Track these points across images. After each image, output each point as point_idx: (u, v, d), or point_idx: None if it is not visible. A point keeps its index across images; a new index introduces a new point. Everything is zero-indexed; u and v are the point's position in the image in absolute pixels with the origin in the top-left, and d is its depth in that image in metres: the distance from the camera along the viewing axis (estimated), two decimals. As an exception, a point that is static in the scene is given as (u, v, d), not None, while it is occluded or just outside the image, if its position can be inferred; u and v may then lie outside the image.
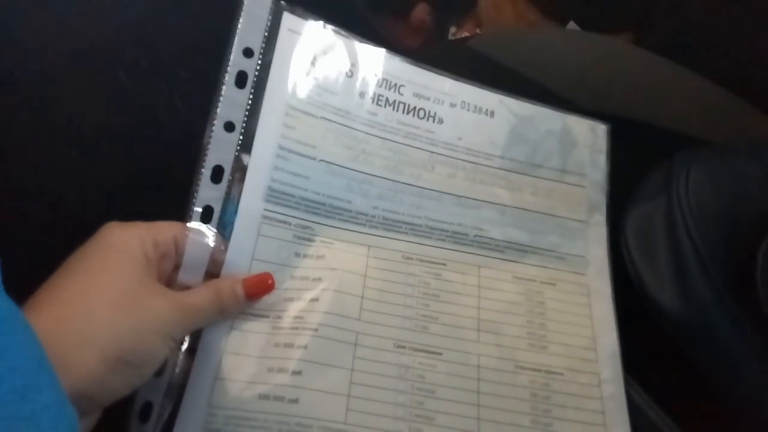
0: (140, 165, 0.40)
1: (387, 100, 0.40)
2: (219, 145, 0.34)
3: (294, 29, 0.37)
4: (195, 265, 0.33)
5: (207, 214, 0.34)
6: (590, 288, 0.40)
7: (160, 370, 0.31)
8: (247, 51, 0.35)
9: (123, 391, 0.28)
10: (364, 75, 0.39)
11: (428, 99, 0.41)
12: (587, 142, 0.44)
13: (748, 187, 0.39)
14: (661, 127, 0.46)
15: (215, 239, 0.33)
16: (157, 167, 0.39)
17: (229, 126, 0.34)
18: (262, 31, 0.36)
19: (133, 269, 0.29)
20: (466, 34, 0.65)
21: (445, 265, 0.38)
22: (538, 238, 0.40)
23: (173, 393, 0.31)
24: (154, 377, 0.31)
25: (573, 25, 0.62)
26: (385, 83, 0.40)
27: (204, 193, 0.34)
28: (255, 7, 0.36)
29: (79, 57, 0.40)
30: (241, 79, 0.35)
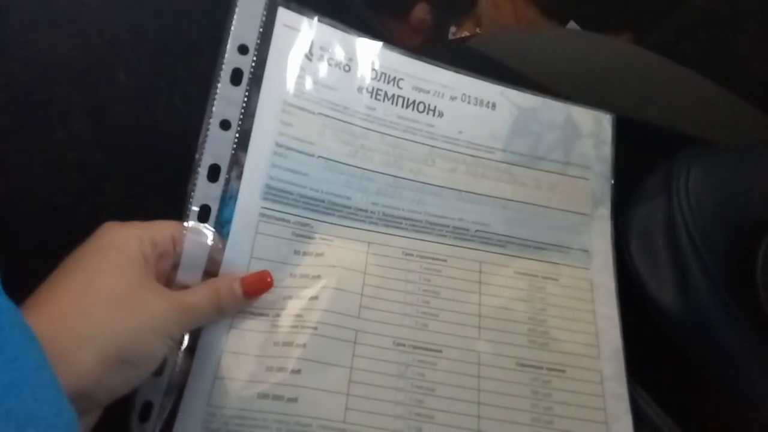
0: (140, 165, 0.40)
1: (385, 94, 0.39)
2: (215, 143, 0.34)
3: (289, 25, 0.37)
4: (193, 264, 0.33)
5: (204, 213, 0.34)
6: (594, 283, 0.39)
7: (160, 370, 0.31)
8: (242, 48, 0.35)
9: (122, 390, 0.28)
10: (362, 69, 0.39)
11: (428, 92, 0.40)
12: (591, 132, 0.43)
13: (748, 187, 0.38)
14: (661, 127, 0.45)
15: (213, 238, 0.33)
16: (157, 167, 0.39)
17: (225, 124, 0.34)
18: (256, 28, 0.35)
19: (131, 269, 0.29)
20: (466, 33, 0.65)
21: (445, 261, 0.38)
22: (541, 233, 0.40)
23: (173, 392, 0.32)
24: (153, 377, 0.31)
25: (573, 25, 0.62)
26: (383, 77, 0.39)
27: (201, 191, 0.34)
28: (249, 4, 0.35)
29: (79, 57, 0.40)
30: (237, 77, 0.35)
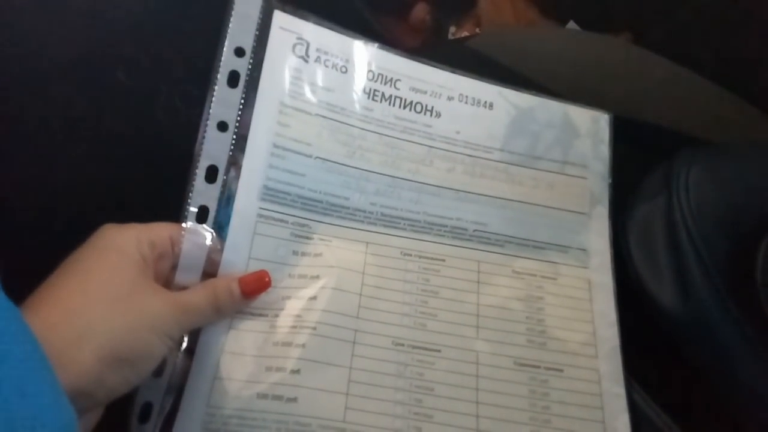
0: (140, 165, 0.40)
1: (383, 95, 0.39)
2: (212, 144, 0.34)
3: (285, 27, 0.37)
4: (191, 265, 0.33)
5: (203, 214, 0.34)
6: (592, 282, 0.39)
7: (160, 371, 0.31)
8: (239, 50, 0.35)
9: (121, 389, 0.28)
10: (359, 70, 0.39)
11: (425, 93, 0.40)
12: (589, 132, 0.43)
13: (748, 187, 0.38)
14: (661, 127, 0.45)
15: (212, 239, 0.33)
16: (157, 167, 0.39)
17: (223, 125, 0.35)
18: (252, 31, 0.36)
19: (129, 269, 0.29)
20: (466, 34, 0.65)
21: (444, 260, 0.38)
22: (539, 232, 0.40)
23: (172, 393, 0.32)
24: (153, 378, 0.31)
25: (573, 25, 0.62)
26: (380, 78, 0.39)
27: (199, 192, 0.34)
28: (245, 7, 0.36)
29: (79, 57, 0.40)
30: (233, 79, 0.35)
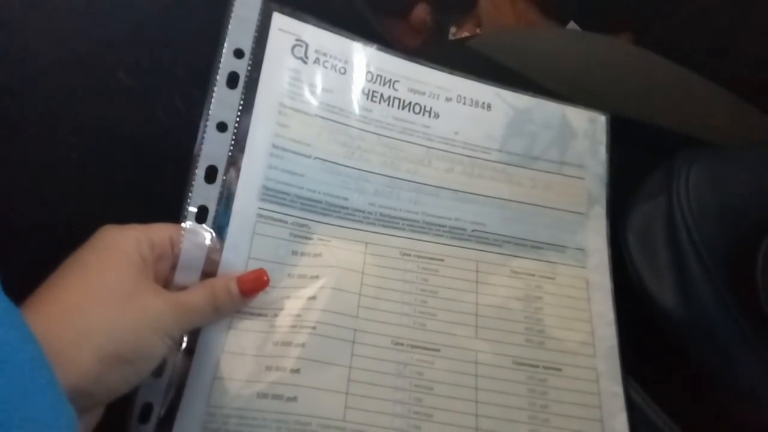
0: (140, 165, 0.40)
1: (381, 96, 0.39)
2: (212, 145, 0.34)
3: (284, 29, 0.37)
4: (191, 265, 0.33)
5: (202, 214, 0.34)
6: (590, 281, 0.39)
7: (160, 371, 0.31)
8: (238, 52, 0.35)
9: (121, 388, 0.28)
10: (358, 71, 0.39)
11: (423, 94, 0.41)
12: (586, 133, 0.43)
13: (748, 188, 0.38)
14: (661, 127, 0.45)
15: (211, 239, 0.33)
16: (157, 167, 0.39)
17: (222, 126, 0.35)
18: (251, 32, 0.36)
19: (128, 269, 0.29)
20: (466, 34, 0.65)
21: (443, 260, 0.38)
22: (537, 232, 0.40)
23: (172, 393, 0.32)
24: (153, 378, 0.31)
25: (573, 25, 0.62)
26: (379, 79, 0.40)
27: (198, 192, 0.34)
28: (244, 9, 0.36)
29: (79, 57, 0.40)
30: (233, 80, 0.35)
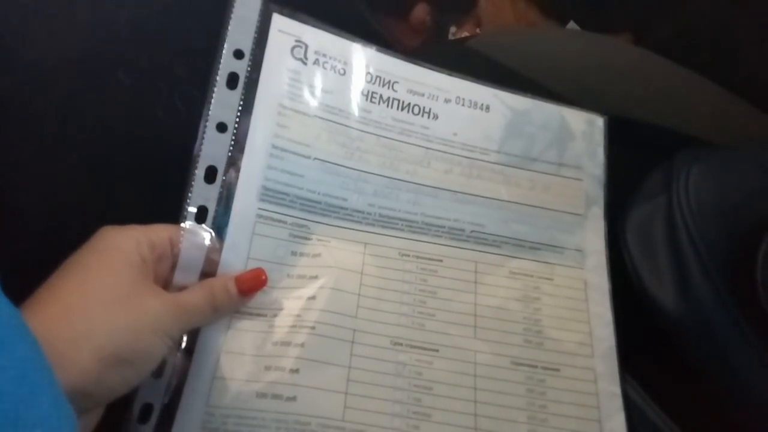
0: (140, 165, 0.40)
1: (381, 97, 0.40)
2: (212, 145, 0.34)
3: (284, 30, 0.37)
4: (190, 265, 0.33)
5: (202, 214, 0.34)
6: (588, 282, 0.40)
7: (159, 372, 0.31)
8: (238, 53, 0.36)
9: (121, 389, 0.28)
10: (357, 72, 0.39)
11: (422, 95, 0.41)
12: (584, 134, 0.43)
13: (748, 188, 0.39)
14: (661, 127, 0.45)
15: (210, 239, 0.33)
16: (157, 167, 0.39)
17: (222, 126, 0.35)
18: (251, 33, 0.36)
19: (128, 270, 0.29)
20: (466, 34, 0.65)
21: (441, 261, 0.38)
22: (536, 233, 0.40)
23: (171, 393, 0.32)
24: (153, 379, 0.31)
25: (573, 25, 0.62)
26: (378, 80, 0.40)
27: (198, 193, 0.34)
28: (244, 10, 0.36)
29: (79, 57, 0.40)
30: (233, 80, 0.35)
